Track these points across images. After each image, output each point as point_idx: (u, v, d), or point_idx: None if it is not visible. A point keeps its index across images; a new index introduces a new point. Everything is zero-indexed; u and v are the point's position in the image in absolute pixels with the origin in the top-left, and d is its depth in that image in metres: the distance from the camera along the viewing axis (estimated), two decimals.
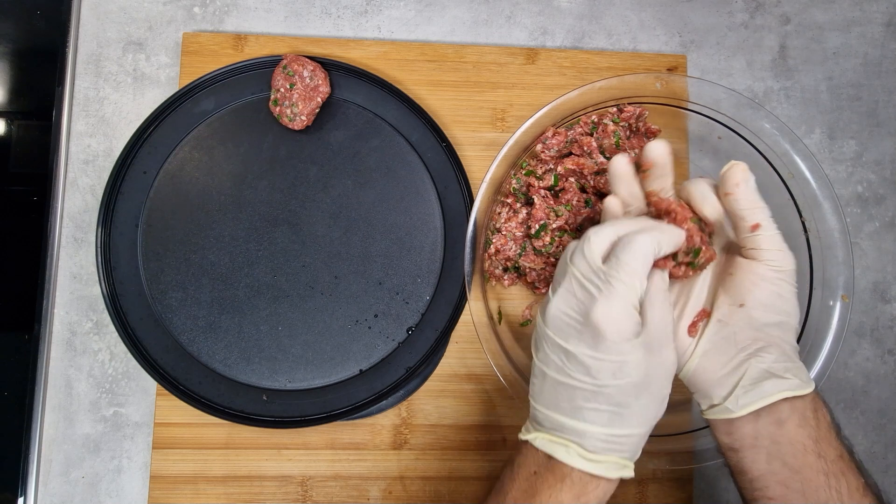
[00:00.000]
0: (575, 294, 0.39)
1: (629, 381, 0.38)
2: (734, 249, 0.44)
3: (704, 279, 0.44)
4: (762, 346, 0.41)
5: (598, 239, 0.39)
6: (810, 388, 0.40)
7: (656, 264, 0.40)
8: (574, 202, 0.53)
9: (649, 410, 0.39)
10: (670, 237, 0.39)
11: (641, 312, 0.39)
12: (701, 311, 0.43)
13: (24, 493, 0.54)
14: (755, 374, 0.40)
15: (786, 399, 0.39)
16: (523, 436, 0.42)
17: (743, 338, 0.41)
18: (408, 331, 0.56)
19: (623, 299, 0.38)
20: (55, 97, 0.59)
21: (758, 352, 0.41)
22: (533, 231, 0.53)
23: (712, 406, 0.42)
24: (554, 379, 0.40)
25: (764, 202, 0.42)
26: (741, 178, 0.41)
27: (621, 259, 0.38)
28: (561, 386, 0.39)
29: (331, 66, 0.58)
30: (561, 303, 0.40)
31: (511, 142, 0.53)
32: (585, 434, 0.38)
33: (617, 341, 0.37)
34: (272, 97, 0.56)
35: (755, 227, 0.41)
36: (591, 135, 0.54)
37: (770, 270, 0.41)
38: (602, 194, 0.54)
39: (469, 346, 0.58)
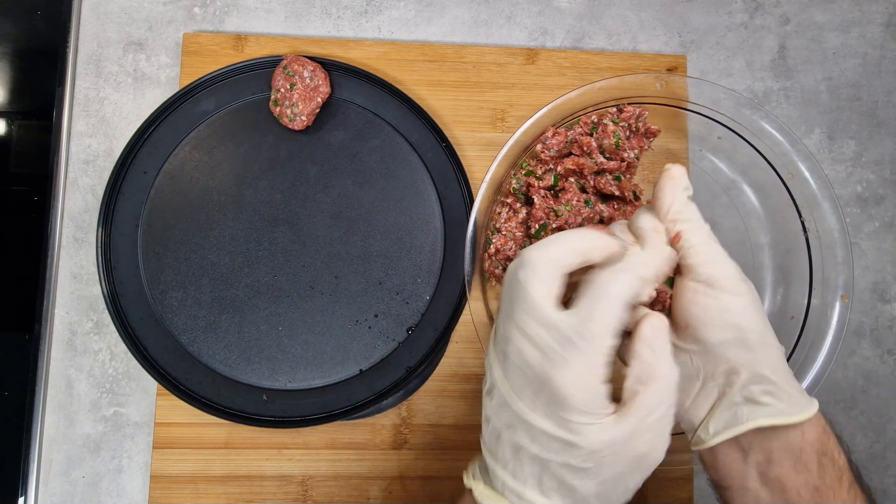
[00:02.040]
0: (528, 352, 0.32)
1: (592, 473, 0.32)
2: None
3: None
4: (727, 368, 0.36)
5: (542, 271, 0.33)
6: (801, 416, 0.34)
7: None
8: (574, 202, 0.53)
9: (610, 499, 0.33)
10: (655, 268, 0.34)
11: (628, 382, 0.33)
12: None
13: (25, 493, 0.54)
14: (730, 400, 0.35)
15: (775, 432, 0.34)
16: (467, 482, 0.36)
17: (702, 362, 0.36)
18: (408, 331, 0.56)
19: (590, 367, 0.31)
20: (55, 97, 0.59)
21: (726, 375, 0.36)
22: (533, 231, 0.53)
23: (691, 435, 0.38)
24: (501, 435, 0.34)
25: (691, 210, 0.36)
26: (664, 182, 0.36)
27: (584, 310, 0.31)
28: (511, 444, 0.34)
29: (331, 67, 0.58)
30: (515, 357, 0.33)
31: (511, 142, 0.53)
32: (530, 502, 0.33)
33: (583, 421, 0.31)
34: (272, 97, 0.56)
35: (676, 237, 0.35)
36: (591, 135, 0.54)
37: (701, 284, 0.35)
38: (602, 194, 0.54)
39: (469, 346, 0.58)
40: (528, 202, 0.55)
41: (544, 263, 0.33)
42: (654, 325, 0.33)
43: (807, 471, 0.34)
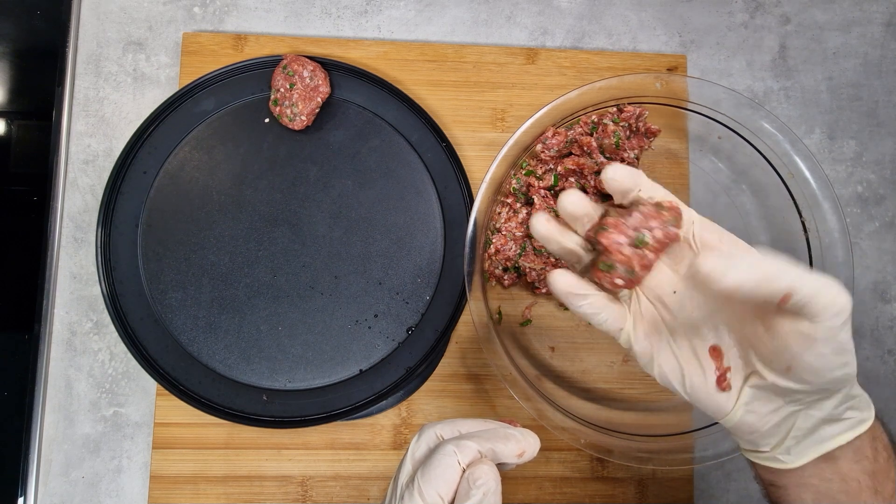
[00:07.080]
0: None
1: None
2: None
3: (705, 308, 0.36)
4: (820, 398, 0.34)
5: (414, 446, 0.35)
6: (871, 419, 0.35)
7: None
8: None
9: None
10: (502, 448, 0.34)
11: None
12: (713, 351, 0.36)
13: (24, 493, 0.54)
14: (810, 422, 0.35)
15: None
16: None
17: (795, 395, 0.34)
18: (408, 331, 0.56)
19: None
20: (55, 97, 0.59)
21: (815, 403, 0.34)
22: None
23: (758, 452, 0.37)
24: None
25: (772, 260, 0.30)
26: (732, 275, 0.30)
27: (415, 482, 0.33)
28: None
29: (331, 66, 0.58)
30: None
31: (511, 142, 0.53)
32: None
33: None
34: (272, 97, 0.56)
35: (785, 298, 0.30)
36: (591, 135, 0.54)
37: (824, 328, 0.30)
38: (602, 194, 0.54)
39: (469, 346, 0.58)
40: (528, 202, 0.55)
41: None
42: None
43: (864, 459, 0.35)
